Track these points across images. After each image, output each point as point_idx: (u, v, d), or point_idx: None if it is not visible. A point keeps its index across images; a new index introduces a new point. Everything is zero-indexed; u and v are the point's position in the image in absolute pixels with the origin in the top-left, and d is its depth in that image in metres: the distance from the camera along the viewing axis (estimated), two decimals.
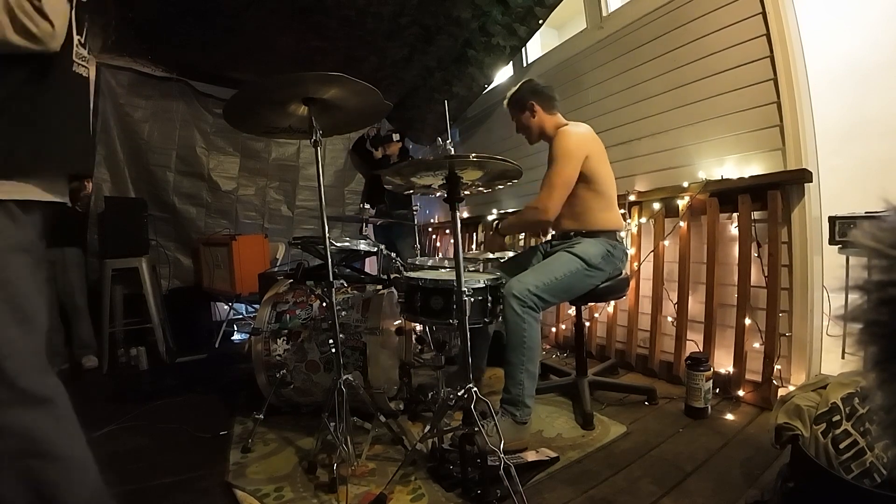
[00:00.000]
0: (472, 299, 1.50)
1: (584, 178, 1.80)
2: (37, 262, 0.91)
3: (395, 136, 3.95)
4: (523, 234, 2.83)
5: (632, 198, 2.43)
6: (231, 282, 3.07)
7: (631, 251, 2.41)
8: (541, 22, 2.91)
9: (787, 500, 1.02)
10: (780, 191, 1.82)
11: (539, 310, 1.63)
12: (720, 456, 1.48)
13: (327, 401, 1.48)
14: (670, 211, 2.26)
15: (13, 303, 0.83)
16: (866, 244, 0.53)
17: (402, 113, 4.05)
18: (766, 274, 1.86)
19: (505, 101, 2.01)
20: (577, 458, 1.52)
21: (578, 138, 1.80)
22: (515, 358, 1.60)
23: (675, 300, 2.20)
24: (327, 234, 1.52)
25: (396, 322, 1.94)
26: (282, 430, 1.81)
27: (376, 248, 2.03)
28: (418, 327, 2.15)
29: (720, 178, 2.03)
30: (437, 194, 1.55)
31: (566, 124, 1.88)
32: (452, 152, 1.32)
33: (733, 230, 2.01)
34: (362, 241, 1.97)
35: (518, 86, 1.98)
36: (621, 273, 1.89)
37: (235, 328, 3.68)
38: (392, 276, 2.00)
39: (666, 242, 2.29)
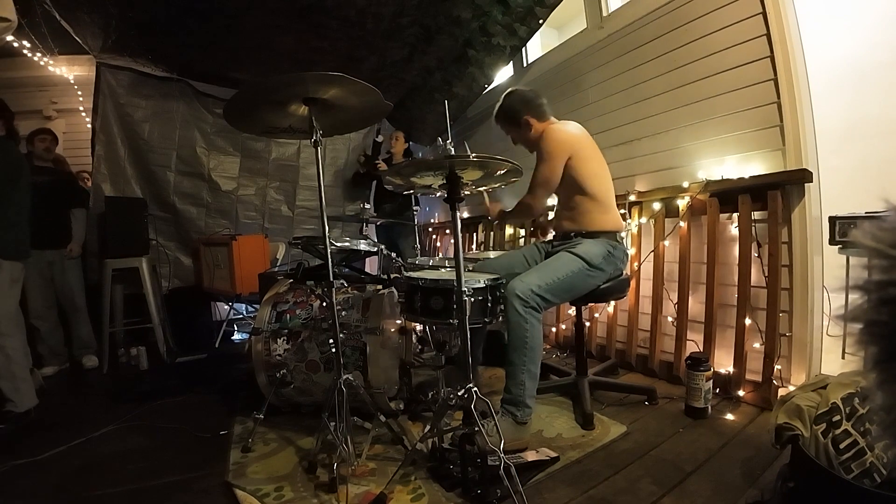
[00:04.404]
0: (473, 299, 1.50)
1: (575, 183, 1.79)
2: None
3: (381, 137, 3.94)
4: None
5: (632, 198, 2.43)
6: (231, 282, 3.08)
7: (631, 251, 2.41)
8: (541, 22, 2.91)
9: (787, 500, 1.02)
10: (780, 191, 1.82)
11: (541, 310, 1.63)
12: (720, 456, 1.48)
13: (327, 400, 1.48)
14: (670, 211, 2.26)
15: None
16: (866, 244, 0.52)
17: (402, 113, 4.05)
18: (767, 274, 1.86)
19: (493, 117, 1.98)
20: (577, 458, 1.52)
21: (560, 139, 1.79)
22: (517, 358, 1.60)
23: (676, 300, 2.20)
24: (327, 234, 1.52)
25: (397, 322, 1.94)
26: (282, 429, 1.81)
27: (376, 248, 2.03)
28: (418, 327, 2.16)
29: (720, 178, 2.03)
30: (438, 194, 1.55)
31: (553, 123, 1.87)
32: (452, 152, 1.32)
33: (733, 230, 2.01)
34: (362, 240, 1.98)
35: (504, 99, 1.94)
36: (622, 273, 1.89)
37: (235, 328, 3.68)
38: (392, 276, 2.00)
39: (666, 242, 2.29)
